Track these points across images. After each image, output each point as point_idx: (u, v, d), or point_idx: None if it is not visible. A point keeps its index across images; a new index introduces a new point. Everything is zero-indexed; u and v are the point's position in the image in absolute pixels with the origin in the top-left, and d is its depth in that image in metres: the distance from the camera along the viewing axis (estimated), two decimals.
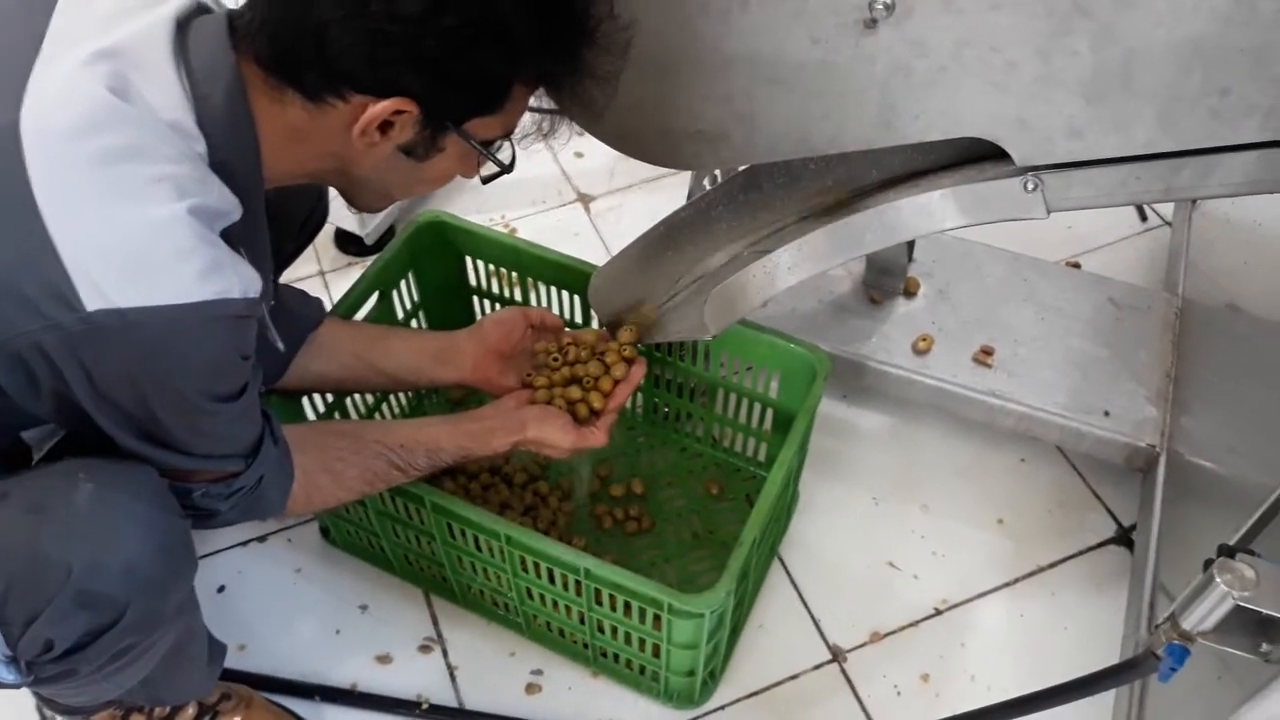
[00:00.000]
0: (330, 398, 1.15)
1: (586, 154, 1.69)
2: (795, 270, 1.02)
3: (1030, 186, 0.92)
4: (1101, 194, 0.92)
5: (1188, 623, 0.71)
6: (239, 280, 0.72)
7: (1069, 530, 1.27)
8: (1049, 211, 0.94)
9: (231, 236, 0.74)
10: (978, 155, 0.97)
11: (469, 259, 1.26)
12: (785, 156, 0.99)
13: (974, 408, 1.25)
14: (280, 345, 0.83)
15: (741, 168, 1.09)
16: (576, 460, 1.21)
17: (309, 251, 1.56)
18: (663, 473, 1.30)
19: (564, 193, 1.66)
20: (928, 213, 0.97)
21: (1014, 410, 1.23)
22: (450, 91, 0.76)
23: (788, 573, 1.24)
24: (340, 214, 1.51)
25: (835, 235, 1.00)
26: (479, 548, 1.06)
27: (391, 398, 1.26)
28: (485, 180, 0.87)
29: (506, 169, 0.87)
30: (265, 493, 0.86)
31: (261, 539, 1.27)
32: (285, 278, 1.13)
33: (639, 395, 1.32)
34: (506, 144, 0.86)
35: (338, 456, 0.94)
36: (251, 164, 0.77)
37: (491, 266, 1.25)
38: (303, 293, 1.06)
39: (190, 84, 0.73)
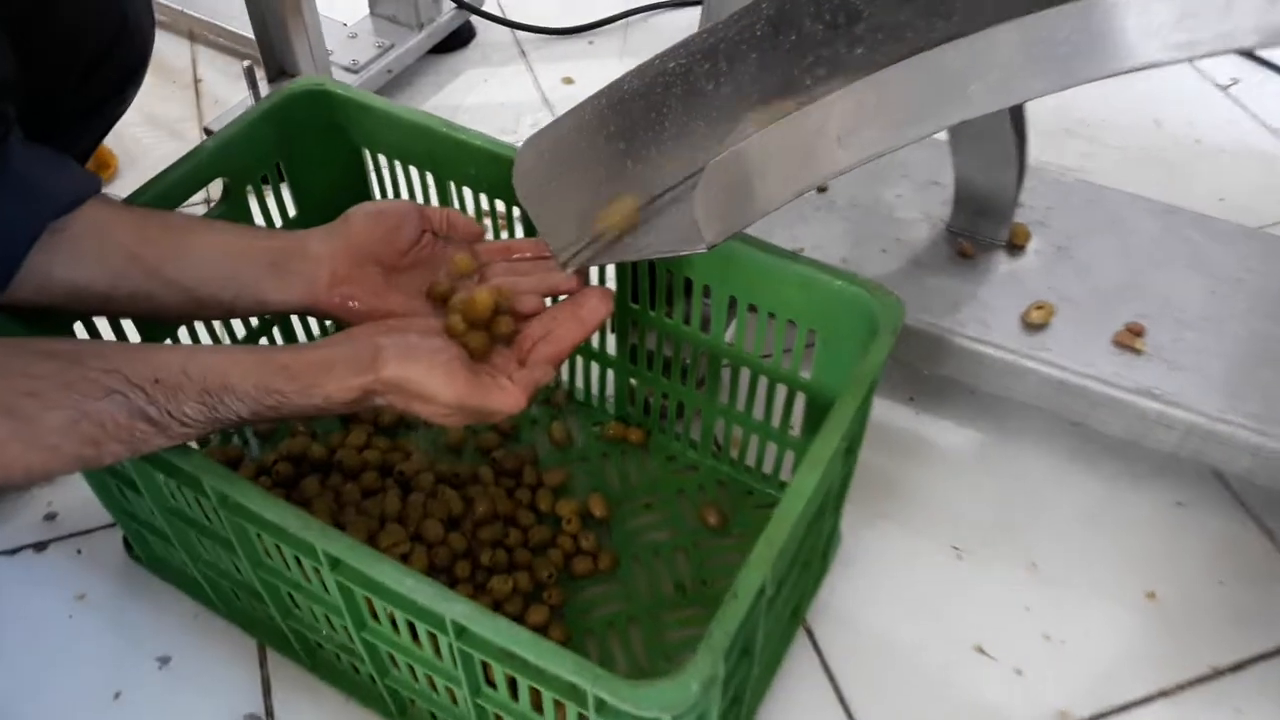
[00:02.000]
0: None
1: (577, 80, 1.30)
2: (850, 142, 0.60)
3: None
4: None
5: None
6: None
7: (1254, 615, 0.82)
8: None
9: None
10: None
11: (366, 152, 0.86)
12: None
13: (1116, 413, 0.81)
14: None
15: None
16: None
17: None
18: (638, 490, 0.88)
19: (542, 123, 1.26)
20: (1094, 39, 0.55)
21: (1181, 419, 0.79)
22: None
23: (818, 652, 0.80)
24: None
25: (922, 79, 0.58)
26: (307, 577, 0.64)
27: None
28: None
29: None
30: None
31: (40, 546, 0.86)
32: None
33: (608, 374, 0.90)
34: None
35: (29, 390, 0.54)
36: None
37: (400, 165, 0.85)
38: (56, 156, 0.66)
39: None
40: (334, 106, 0.82)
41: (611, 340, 0.87)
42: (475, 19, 1.34)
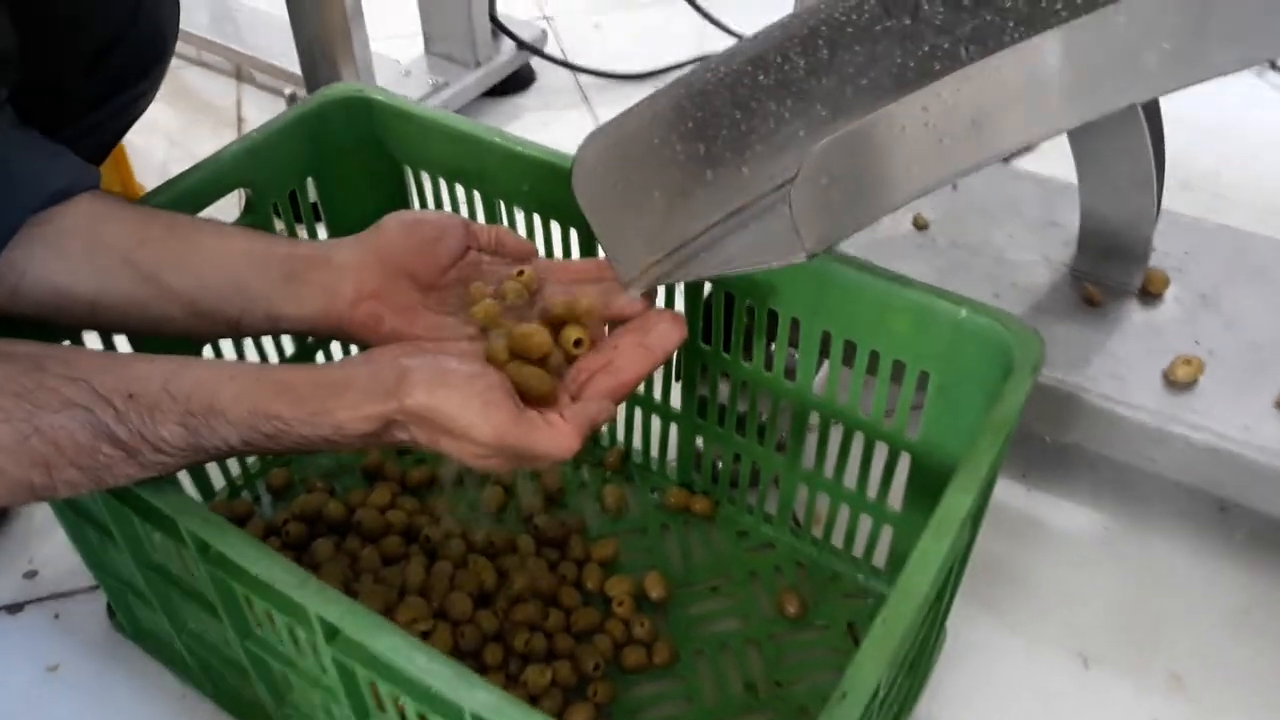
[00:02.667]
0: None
1: None
2: (990, 128, 0.48)
3: None
4: None
5: None
6: None
7: None
8: None
9: None
10: None
11: (409, 171, 0.77)
12: None
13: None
14: None
15: None
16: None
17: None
18: (702, 569, 0.75)
19: None
20: None
21: None
22: None
23: None
24: None
25: (1083, 47, 0.47)
26: (301, 652, 0.52)
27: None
28: None
29: None
30: None
31: (14, 609, 0.75)
32: None
33: (671, 431, 0.78)
34: None
35: None
36: None
37: (445, 184, 0.75)
38: (50, 144, 0.56)
39: None
40: (373, 115, 0.73)
41: (676, 391, 0.75)
42: (536, 61, 1.27)
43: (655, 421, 0.78)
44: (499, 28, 1.22)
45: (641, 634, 0.70)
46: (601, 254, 0.62)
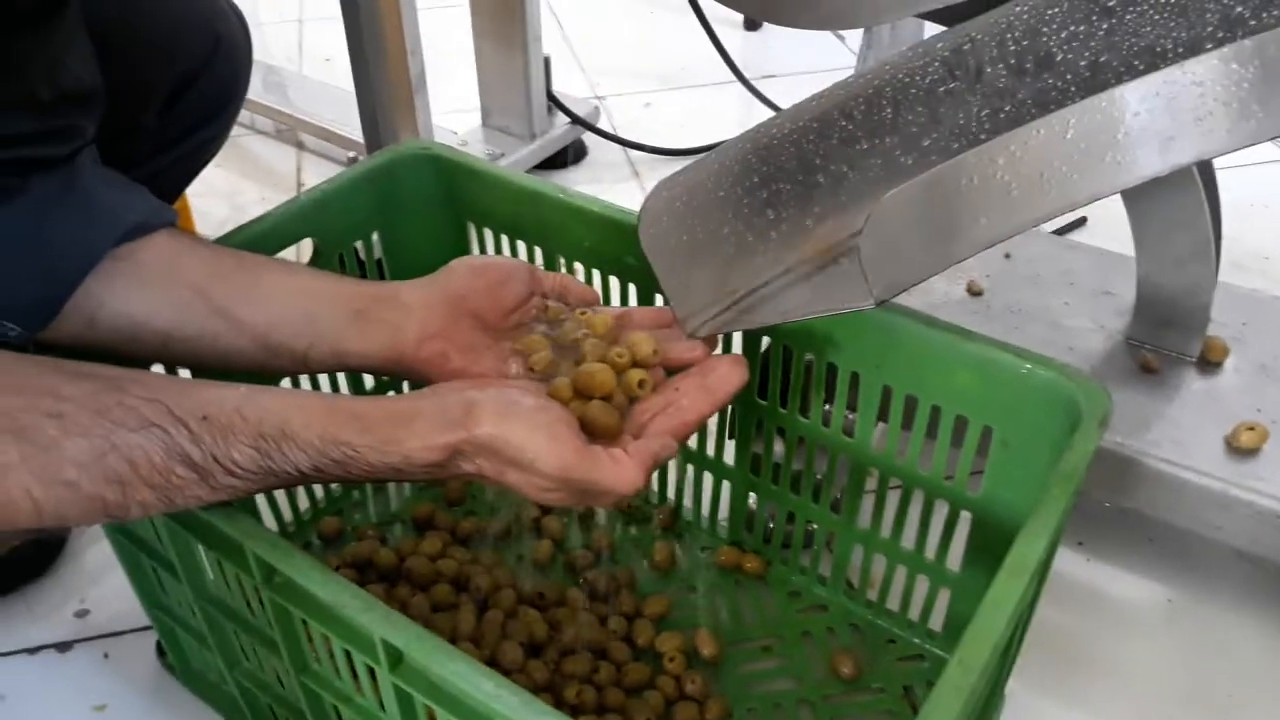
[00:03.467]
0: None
1: None
2: (1089, 167, 0.49)
3: None
4: None
5: None
6: None
7: None
8: None
9: None
10: None
11: (472, 229, 0.79)
12: None
13: None
14: None
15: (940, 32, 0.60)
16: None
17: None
18: (754, 629, 0.74)
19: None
20: None
21: None
22: None
23: None
24: None
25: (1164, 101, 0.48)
26: (360, 687, 0.52)
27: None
28: None
29: None
30: None
31: (64, 646, 0.75)
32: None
33: (723, 488, 0.78)
34: None
35: (53, 411, 0.45)
36: None
37: (507, 240, 0.77)
38: (129, 181, 0.58)
39: None
40: (440, 172, 0.75)
41: (730, 448, 0.75)
42: (588, 137, 1.31)
43: (707, 478, 0.78)
44: (554, 103, 1.26)
45: (693, 690, 0.69)
46: (662, 302, 0.63)
